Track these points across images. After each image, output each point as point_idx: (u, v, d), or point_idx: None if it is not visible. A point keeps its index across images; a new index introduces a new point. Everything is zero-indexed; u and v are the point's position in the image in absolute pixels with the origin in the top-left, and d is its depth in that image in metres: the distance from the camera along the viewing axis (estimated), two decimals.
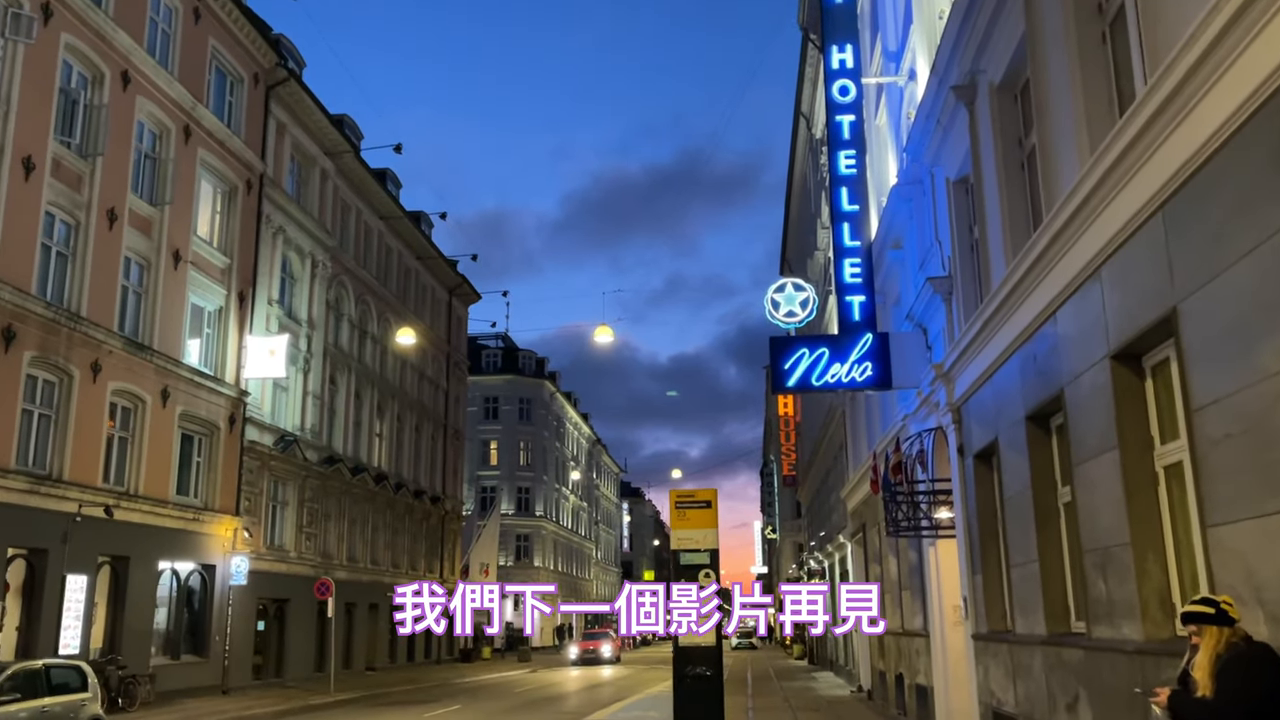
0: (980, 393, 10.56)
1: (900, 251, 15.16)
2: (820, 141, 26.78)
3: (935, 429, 12.80)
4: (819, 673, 32.51)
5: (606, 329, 23.83)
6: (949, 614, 13.20)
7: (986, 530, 10.82)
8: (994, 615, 10.63)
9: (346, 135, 33.61)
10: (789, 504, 56.28)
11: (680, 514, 9.81)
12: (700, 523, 10.18)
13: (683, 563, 10.10)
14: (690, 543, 10.21)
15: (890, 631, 17.84)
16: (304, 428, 29.95)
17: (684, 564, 10.12)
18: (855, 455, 22.34)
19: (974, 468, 11.00)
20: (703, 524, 10.16)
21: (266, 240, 27.83)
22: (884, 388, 13.14)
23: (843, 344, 13.11)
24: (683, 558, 10.20)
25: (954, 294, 11.75)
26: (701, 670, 10.27)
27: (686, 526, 9.85)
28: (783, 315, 13.61)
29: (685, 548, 10.17)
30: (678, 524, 9.96)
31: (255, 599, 26.65)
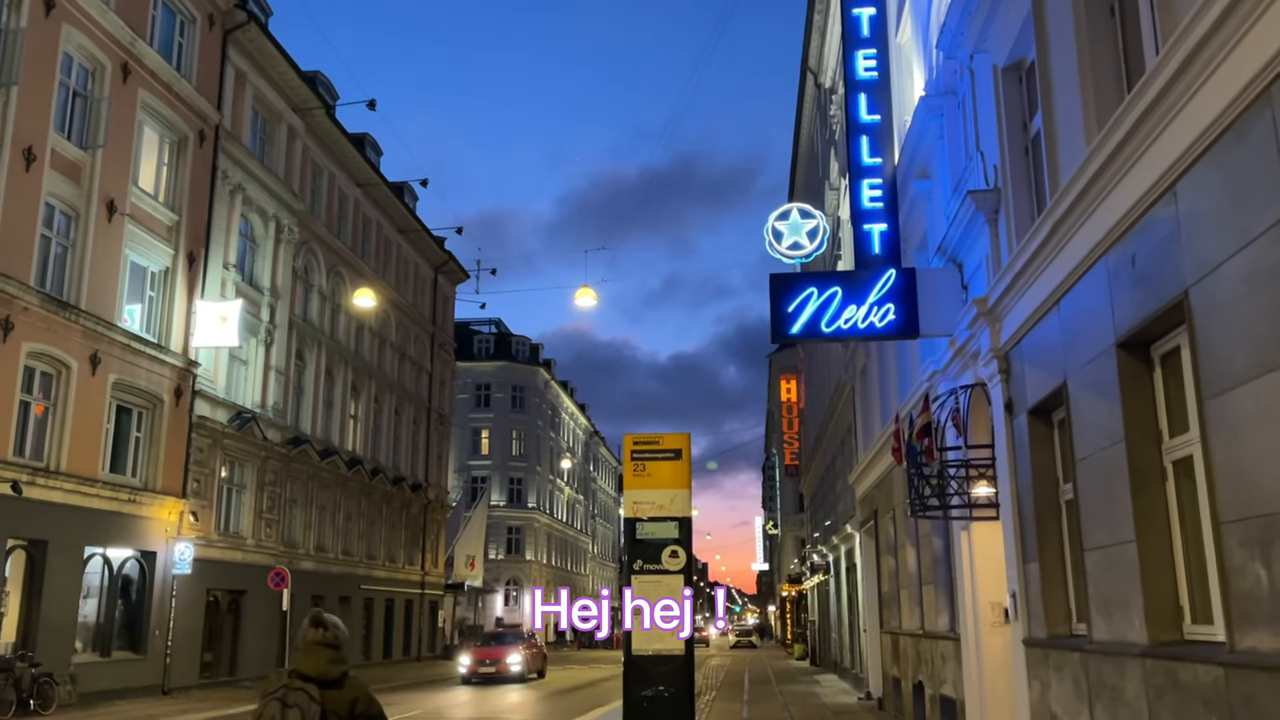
0: (1041, 327, 8.15)
1: (927, 182, 12.72)
2: (829, 90, 24.37)
3: (972, 386, 10.38)
4: (822, 675, 30.13)
5: (588, 291, 21.46)
6: (985, 613, 10.80)
7: (1045, 506, 8.43)
8: (1055, 615, 8.23)
9: (319, 93, 31.21)
10: (791, 497, 53.94)
11: (638, 468, 7.03)
12: (666, 480, 7.20)
13: (639, 536, 7.07)
14: (651, 507, 7.18)
15: (907, 632, 15.43)
16: (265, 405, 27.58)
17: (641, 538, 7.10)
18: (866, 435, 19.93)
19: (1028, 427, 8.59)
20: (669, 481, 7.18)
21: (223, 198, 25.45)
22: (909, 335, 10.73)
23: (859, 282, 10.71)
24: (640, 529, 7.16)
25: (1001, 210, 9.33)
26: (661, 691, 7.13)
27: (646, 485, 7.10)
28: (786, 248, 11.19)
29: (644, 515, 7.12)
30: (634, 482, 7.04)
31: (204, 590, 24.29)
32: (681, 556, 6.86)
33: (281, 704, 3.52)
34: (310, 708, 3.49)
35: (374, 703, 3.69)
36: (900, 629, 16.21)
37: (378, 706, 3.72)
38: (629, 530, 7.06)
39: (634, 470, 7.02)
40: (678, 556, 6.60)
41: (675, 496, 7.12)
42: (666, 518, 7.10)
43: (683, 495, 7.22)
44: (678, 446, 7.39)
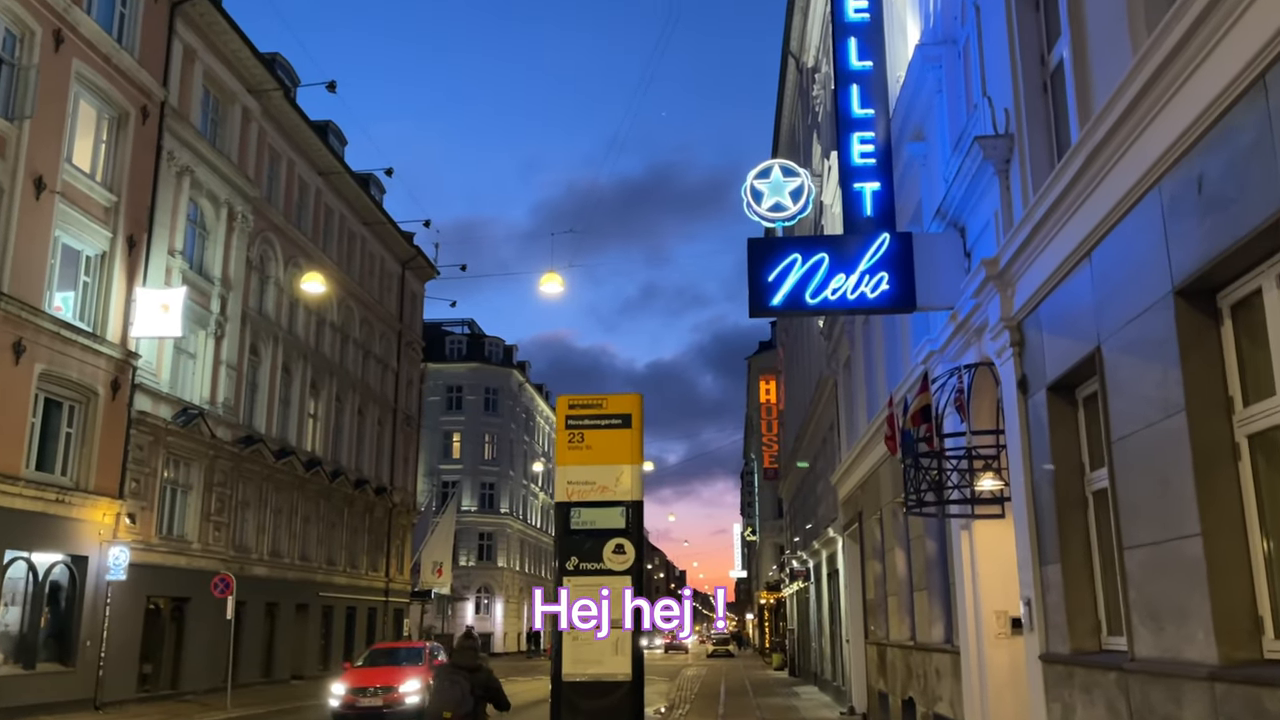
0: (1066, 287, 6.91)
1: (922, 145, 11.49)
2: (812, 70, 23.19)
3: (976, 365, 9.14)
4: (801, 687, 28.85)
5: (554, 276, 20.12)
6: (989, 623, 9.55)
7: (1068, 497, 7.18)
8: (1080, 626, 6.98)
9: (278, 75, 29.73)
10: (770, 503, 52.75)
11: (574, 438, 5.66)
12: (611, 453, 5.67)
13: (575, 526, 5.65)
14: (591, 489, 5.63)
15: (896, 643, 14.16)
16: (214, 401, 26.04)
17: (577, 528, 5.70)
18: (850, 432, 18.69)
19: (1047, 406, 7.35)
20: (615, 455, 5.66)
21: (168, 180, 23.93)
22: (904, 308, 9.47)
23: (849, 248, 9.45)
24: (575, 517, 5.70)
25: (1014, 158, 8.10)
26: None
27: (585, 459, 5.68)
28: (766, 209, 9.92)
29: (582, 498, 5.63)
30: (570, 456, 5.76)
31: (143, 597, 22.72)
32: (629, 552, 5.16)
33: (450, 681, 6.35)
34: (462, 683, 6.18)
35: (495, 680, 6.34)
36: (888, 639, 14.95)
37: (497, 682, 6.38)
38: (561, 519, 5.63)
39: (569, 441, 5.56)
40: (624, 552, 5.08)
41: (623, 475, 5.37)
42: (610, 502, 5.44)
43: (632, 473, 5.39)
44: (626, 411, 5.69)
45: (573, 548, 5.34)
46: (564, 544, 5.06)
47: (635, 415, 5.87)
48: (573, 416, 5.39)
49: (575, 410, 5.38)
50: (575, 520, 5.57)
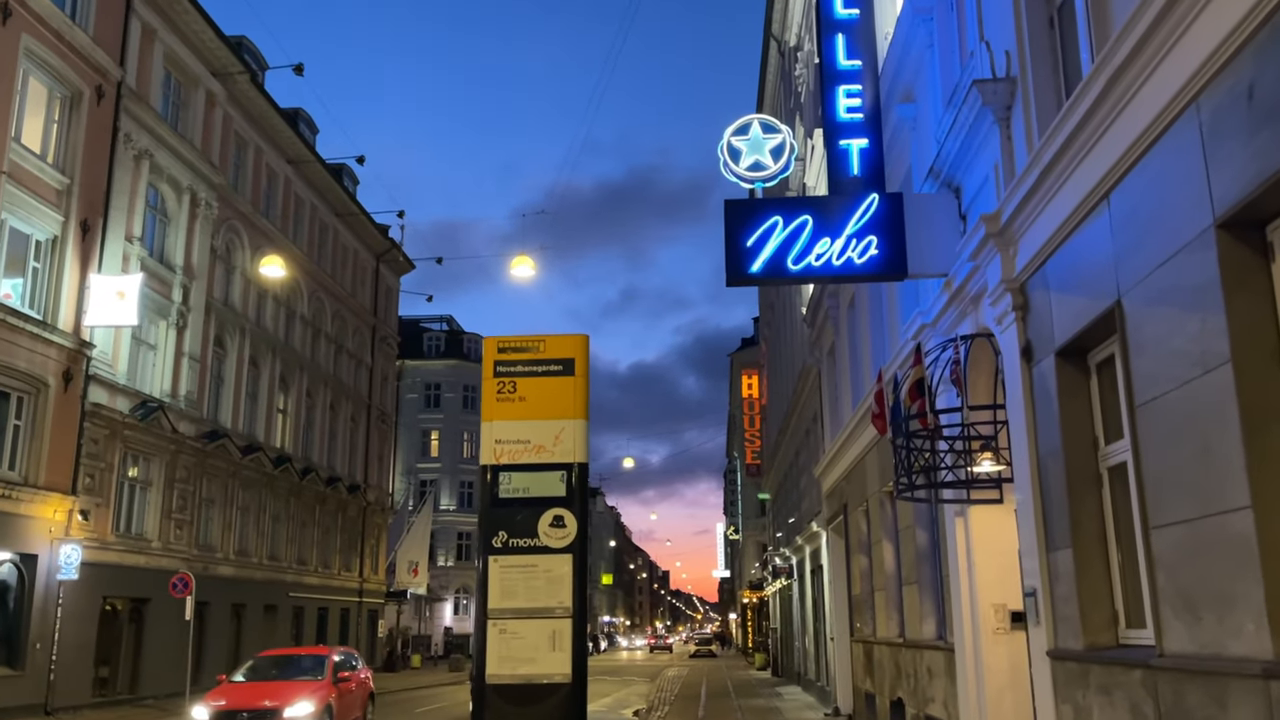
0: (1078, 238, 6.16)
1: (912, 107, 10.78)
2: (795, 49, 22.46)
3: (973, 336, 8.40)
4: (785, 687, 28.12)
5: (525, 259, 19.28)
6: (987, 617, 8.81)
7: (1080, 474, 6.43)
8: (1095, 618, 6.24)
9: (244, 59, 28.76)
10: (752, 501, 52.09)
11: (504, 387, 4.51)
12: (549, 406, 4.53)
13: (503, 494, 4.44)
14: (524, 449, 4.39)
15: (884, 641, 13.42)
16: (176, 394, 25.06)
17: (508, 496, 4.48)
18: (834, 421, 17.96)
19: (1055, 374, 6.60)
20: (554, 408, 4.51)
21: (125, 164, 22.95)
22: (894, 274, 8.71)
23: (835, 209, 8.69)
24: (504, 483, 4.48)
25: (1017, 103, 7.35)
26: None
27: (516, 413, 4.53)
28: (745, 168, 9.15)
29: (513, 460, 4.44)
30: (498, 409, 4.60)
31: (98, 598, 21.73)
32: (570, 527, 4.18)
33: None
34: None
35: None
36: (874, 637, 14.21)
37: None
38: (487, 486, 4.46)
39: (498, 391, 4.44)
40: (564, 526, 4.12)
41: (563, 432, 4.30)
42: (548, 465, 4.28)
43: (574, 431, 4.36)
44: (568, 355, 4.51)
45: (501, 520, 4.19)
46: (490, 516, 4.12)
47: (579, 360, 4.59)
48: (503, 362, 4.46)
49: (506, 354, 4.45)
50: (505, 487, 4.31)
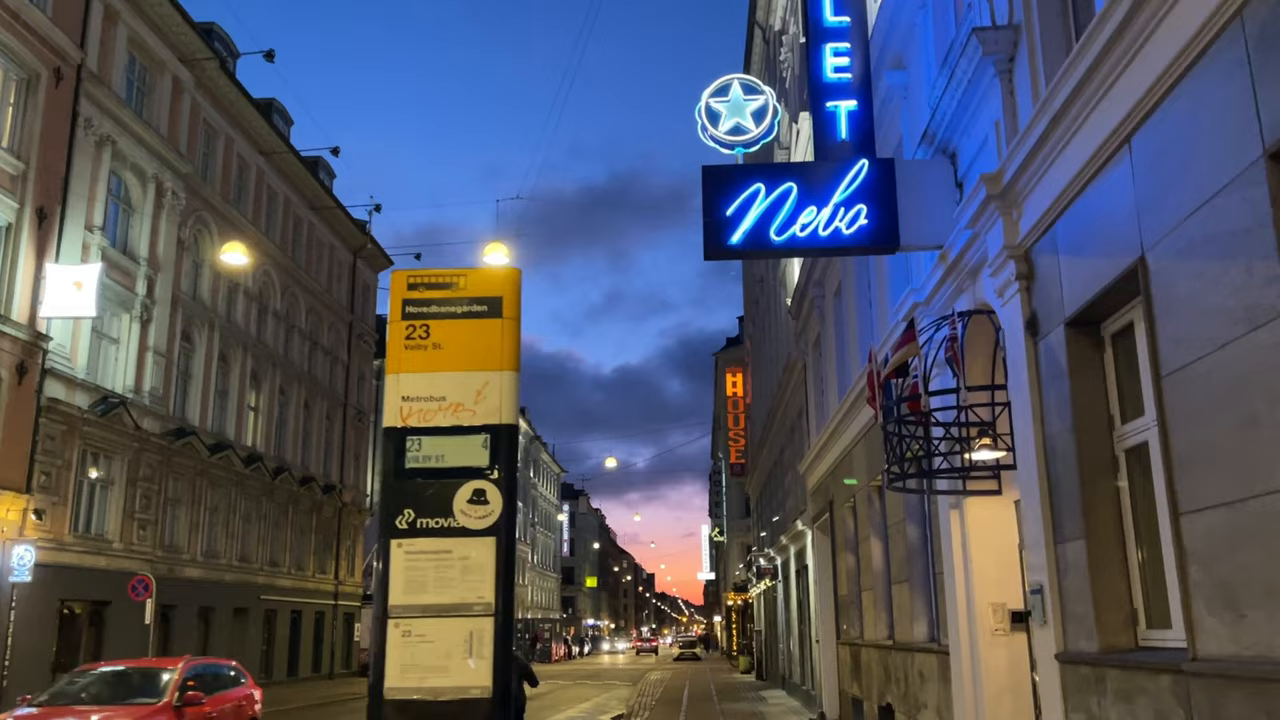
0: (1093, 192, 5.51)
1: (903, 74, 10.13)
2: (780, 34, 21.81)
3: (970, 313, 7.74)
4: (769, 691, 27.45)
5: (499, 246, 18.51)
6: (985, 617, 8.16)
7: (1093, 458, 5.78)
8: (1111, 617, 5.58)
9: (213, 46, 27.92)
10: (737, 502, 51.45)
11: (414, 331, 3.63)
12: (469, 355, 3.58)
13: (413, 461, 3.57)
14: (437, 409, 3.51)
15: (872, 643, 12.77)
16: (140, 390, 24.20)
17: (416, 465, 3.60)
18: (819, 415, 17.31)
19: (1066, 347, 5.94)
20: (475, 358, 3.58)
21: (86, 150, 22.10)
22: (884, 246, 8.05)
23: (821, 176, 8.03)
24: (414, 448, 3.61)
25: (1021, 53, 6.70)
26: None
27: (431, 365, 3.60)
28: (725, 132, 8.48)
29: (425, 422, 3.55)
30: (407, 359, 3.65)
31: (56, 600, 20.86)
32: (494, 504, 3.35)
33: None
34: None
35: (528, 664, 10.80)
36: (862, 639, 13.56)
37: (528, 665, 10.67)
38: (391, 453, 3.58)
39: (407, 337, 3.57)
40: (486, 503, 3.33)
41: (488, 387, 3.44)
42: (468, 428, 3.43)
43: (502, 385, 3.49)
44: (494, 293, 3.58)
45: (407, 495, 3.37)
46: (394, 490, 3.28)
47: (509, 299, 3.59)
48: (414, 301, 3.58)
49: (419, 291, 3.56)
50: (413, 454, 3.45)
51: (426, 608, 3.05)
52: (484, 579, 3.08)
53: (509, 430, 3.26)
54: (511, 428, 3.26)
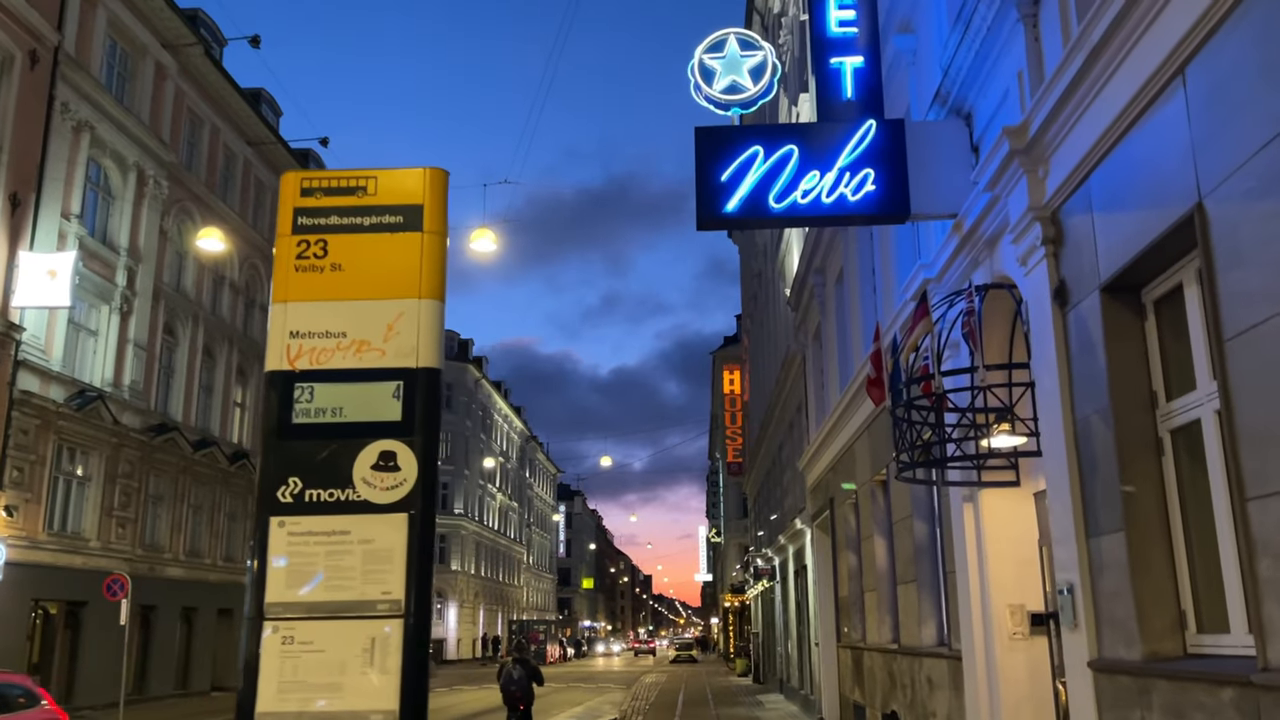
0: (1137, 137, 4.85)
1: (912, 38, 9.47)
2: (778, 16, 21.16)
3: (986, 287, 7.07)
4: (766, 695, 26.77)
5: (486, 232, 17.82)
6: (1001, 620, 7.49)
7: (1134, 440, 5.10)
8: (1155, 621, 4.91)
9: (199, 33, 27.25)
10: (734, 503, 50.80)
11: (307, 249, 2.71)
12: (378, 279, 2.70)
13: (302, 416, 2.68)
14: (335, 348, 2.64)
15: (875, 647, 12.10)
16: (120, 384, 23.50)
17: (306, 421, 2.69)
18: (819, 409, 16.65)
19: (1101, 316, 5.27)
20: (386, 282, 2.69)
21: (62, 135, 21.41)
22: (893, 215, 7.38)
23: (825, 138, 7.37)
24: (303, 399, 2.69)
25: None
26: None
27: (328, 291, 2.69)
28: (720, 91, 7.81)
29: (318, 365, 2.65)
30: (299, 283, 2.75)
31: (29, 600, 20.16)
32: (407, 470, 2.59)
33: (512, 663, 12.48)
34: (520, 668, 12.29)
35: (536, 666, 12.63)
36: (864, 642, 12.89)
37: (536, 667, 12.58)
38: (274, 404, 2.79)
39: (298, 256, 2.80)
40: (396, 469, 2.59)
41: (402, 319, 2.69)
42: (375, 371, 2.67)
43: (421, 317, 2.71)
44: (414, 199, 2.77)
45: (294, 460, 2.60)
46: (276, 453, 2.62)
47: (432, 207, 2.74)
48: (308, 210, 2.76)
49: (315, 197, 2.75)
50: (302, 406, 2.66)
51: (315, 606, 2.35)
52: (392, 568, 2.39)
53: (429, 376, 2.55)
54: (432, 373, 2.56)
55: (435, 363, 2.56)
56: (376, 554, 2.37)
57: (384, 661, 2.24)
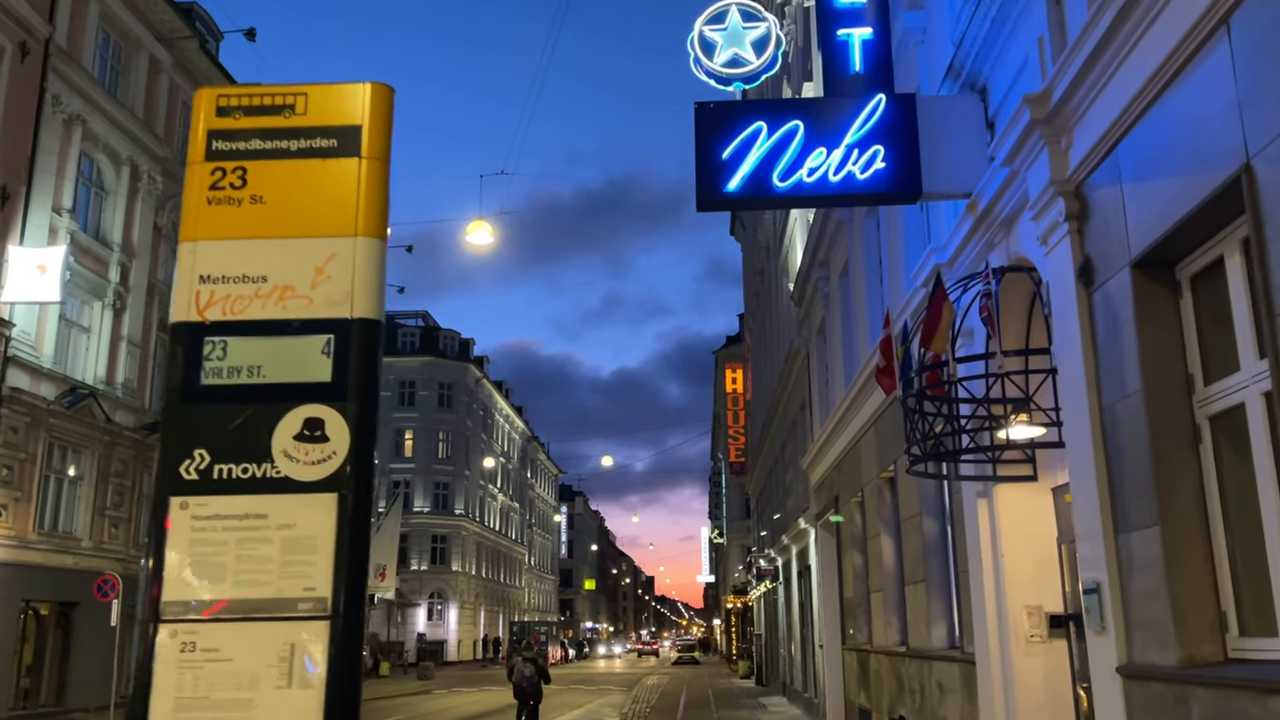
0: (1172, 100, 4.47)
1: (921, 14, 9.09)
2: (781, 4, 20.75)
3: (1003, 270, 6.69)
4: (769, 698, 26.37)
5: (482, 224, 17.41)
6: (1018, 622, 7.12)
7: (1169, 428, 4.72)
8: (1194, 623, 4.52)
9: (194, 25, 26.89)
10: (737, 503, 50.41)
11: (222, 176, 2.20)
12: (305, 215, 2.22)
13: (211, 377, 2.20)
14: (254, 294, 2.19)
15: (882, 650, 11.71)
16: (112, 381, 23.14)
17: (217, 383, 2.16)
18: (823, 406, 16.26)
19: (1132, 294, 4.89)
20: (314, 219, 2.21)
21: (53, 128, 21.06)
22: (904, 194, 7.00)
23: (832, 113, 7.00)
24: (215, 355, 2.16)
25: None
26: None
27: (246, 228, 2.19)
28: (721, 65, 7.44)
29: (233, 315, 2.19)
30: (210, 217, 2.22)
31: (19, 601, 19.81)
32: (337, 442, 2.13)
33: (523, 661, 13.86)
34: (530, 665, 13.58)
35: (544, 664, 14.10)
36: (870, 645, 12.51)
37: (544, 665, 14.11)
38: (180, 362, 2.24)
39: (212, 185, 2.28)
40: (324, 440, 2.10)
41: (335, 261, 2.20)
42: (300, 323, 2.20)
43: (358, 259, 2.23)
44: (350, 120, 2.28)
45: (201, 429, 2.18)
46: (180, 421, 2.20)
47: (373, 129, 2.34)
48: (225, 133, 2.35)
49: (232, 119, 2.35)
50: (213, 365, 2.22)
51: (223, 606, 1.95)
52: (317, 560, 1.98)
53: (366, 329, 2.12)
54: (369, 324, 2.13)
55: (374, 313, 2.14)
56: (298, 542, 1.96)
57: (302, 674, 1.84)
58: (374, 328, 2.11)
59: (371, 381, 2.11)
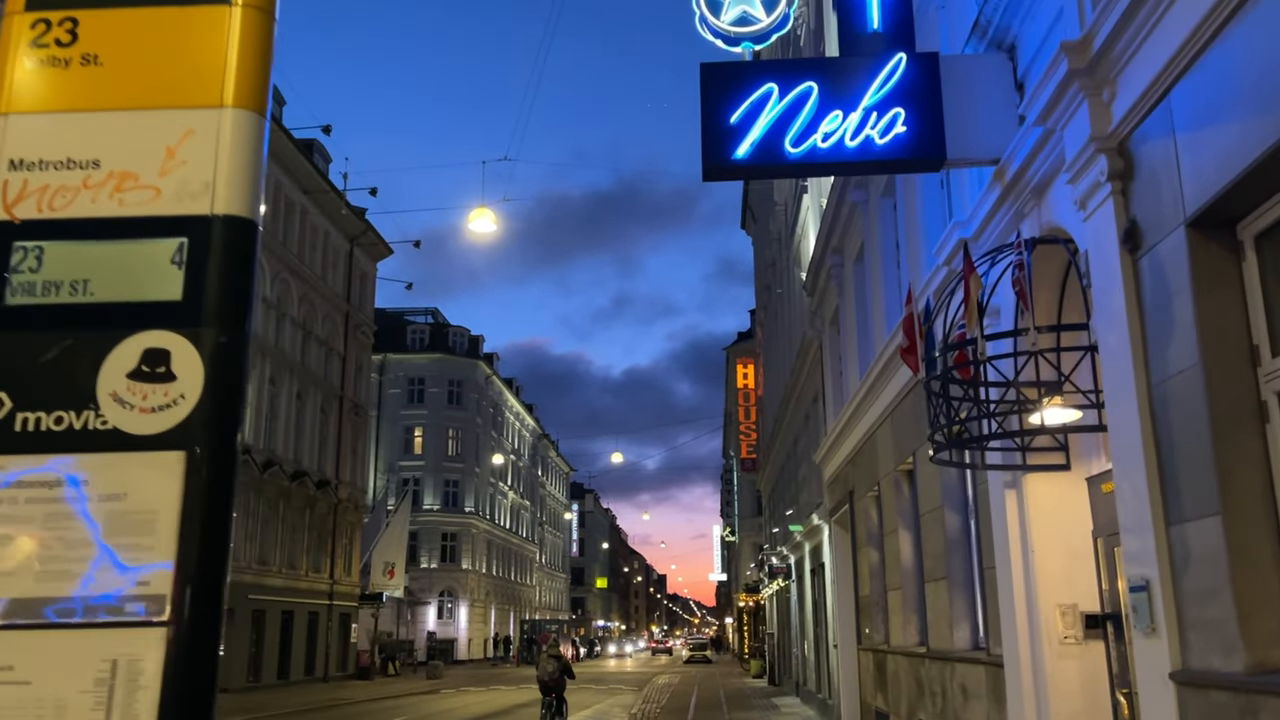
0: (1231, 39, 3.95)
1: None
2: None
3: (1034, 240, 6.17)
4: (781, 698, 25.86)
5: (485, 211, 16.91)
6: (1051, 622, 6.60)
7: (1230, 404, 4.20)
8: (1260, 625, 4.00)
9: None
10: (749, 500, 49.90)
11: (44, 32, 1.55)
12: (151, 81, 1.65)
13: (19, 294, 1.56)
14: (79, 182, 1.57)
15: (900, 650, 11.20)
16: None
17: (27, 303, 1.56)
18: (838, 396, 15.74)
19: (1190, 257, 4.37)
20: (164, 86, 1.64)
21: None
22: (927, 160, 6.49)
23: (848, 73, 6.49)
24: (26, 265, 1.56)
25: None
26: None
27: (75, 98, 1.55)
28: (728, 23, 6.93)
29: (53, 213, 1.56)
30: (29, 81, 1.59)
31: None
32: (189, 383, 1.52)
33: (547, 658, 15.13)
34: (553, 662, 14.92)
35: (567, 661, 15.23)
36: (887, 645, 11.99)
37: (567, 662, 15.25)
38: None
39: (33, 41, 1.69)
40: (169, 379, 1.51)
41: (194, 139, 1.61)
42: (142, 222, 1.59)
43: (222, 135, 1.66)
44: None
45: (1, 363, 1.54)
46: None
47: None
48: None
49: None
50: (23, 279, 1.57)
51: (16, 608, 1.41)
52: (154, 543, 1.42)
53: (235, 231, 1.55)
54: (239, 224, 1.57)
55: (245, 210, 1.59)
56: (129, 519, 1.41)
57: (132, 701, 1.32)
58: (245, 229, 1.56)
59: (240, 301, 1.55)
